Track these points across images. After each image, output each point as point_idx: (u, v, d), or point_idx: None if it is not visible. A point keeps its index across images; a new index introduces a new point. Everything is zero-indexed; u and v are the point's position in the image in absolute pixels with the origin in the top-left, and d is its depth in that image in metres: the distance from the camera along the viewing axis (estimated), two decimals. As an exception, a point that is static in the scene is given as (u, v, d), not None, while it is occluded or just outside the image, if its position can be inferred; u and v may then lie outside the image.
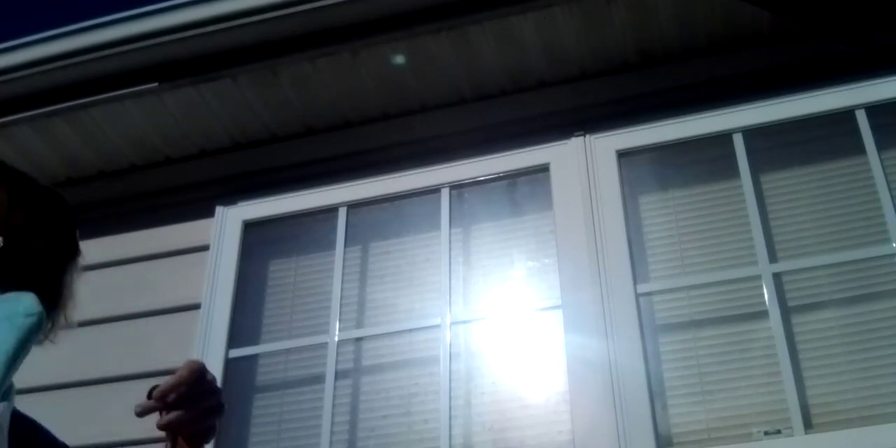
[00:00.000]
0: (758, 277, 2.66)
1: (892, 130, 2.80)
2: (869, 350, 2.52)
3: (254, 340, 3.03)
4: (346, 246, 3.09)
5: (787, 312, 2.60)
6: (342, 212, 3.15)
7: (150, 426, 1.37)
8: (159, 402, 1.10)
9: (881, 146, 2.75)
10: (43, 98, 3.23)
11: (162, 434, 1.16)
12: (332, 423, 2.77)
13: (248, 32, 3.03)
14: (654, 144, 2.97)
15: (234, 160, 3.36)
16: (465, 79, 3.14)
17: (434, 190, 3.10)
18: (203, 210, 3.24)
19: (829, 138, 2.88)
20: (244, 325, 3.05)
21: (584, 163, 2.96)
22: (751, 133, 2.89)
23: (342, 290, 3.00)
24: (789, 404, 2.45)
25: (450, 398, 2.70)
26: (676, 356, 2.64)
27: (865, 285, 2.62)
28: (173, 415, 1.10)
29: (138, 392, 1.22)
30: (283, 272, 3.18)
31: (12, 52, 3.20)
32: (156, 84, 3.15)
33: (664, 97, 3.02)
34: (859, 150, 2.77)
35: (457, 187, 3.10)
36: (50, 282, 1.26)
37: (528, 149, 3.06)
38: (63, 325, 1.29)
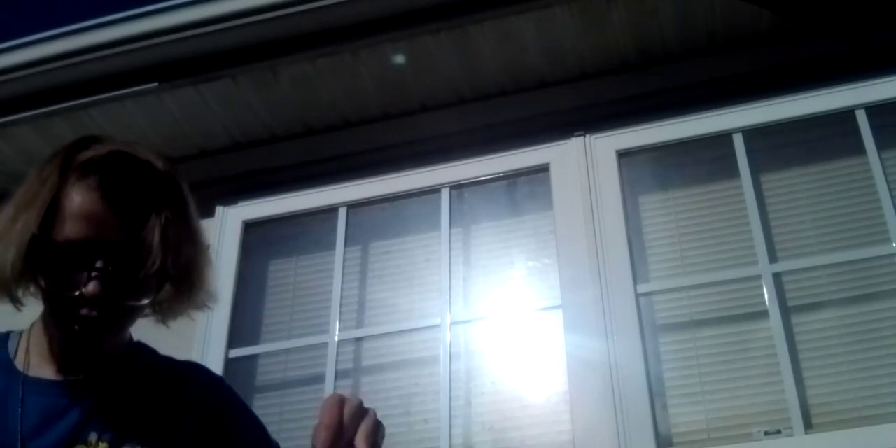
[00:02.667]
0: (758, 277, 2.66)
1: (892, 130, 2.80)
2: (869, 350, 2.52)
3: (254, 340, 3.03)
4: (346, 246, 3.09)
5: (787, 312, 2.60)
6: (342, 212, 3.15)
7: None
8: None
9: (881, 146, 2.75)
10: (43, 98, 3.23)
11: None
12: (332, 423, 2.76)
13: (248, 32, 3.03)
14: (654, 144, 2.97)
15: (234, 160, 3.36)
16: (465, 79, 3.14)
17: (434, 190, 3.10)
18: (203, 210, 3.23)
19: (829, 138, 2.88)
20: (244, 324, 3.05)
21: (584, 163, 2.96)
22: (751, 133, 2.89)
23: (342, 290, 3.00)
24: (789, 404, 2.45)
25: (450, 398, 2.70)
26: (676, 356, 2.64)
27: (865, 285, 2.62)
28: None
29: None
30: (283, 272, 3.18)
31: (12, 52, 3.19)
32: (156, 84, 3.15)
33: (664, 97, 3.02)
34: (859, 150, 2.77)
35: (457, 187, 3.10)
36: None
37: (528, 149, 3.06)
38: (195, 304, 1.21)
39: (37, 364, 1.14)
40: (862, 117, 2.80)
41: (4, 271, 1.07)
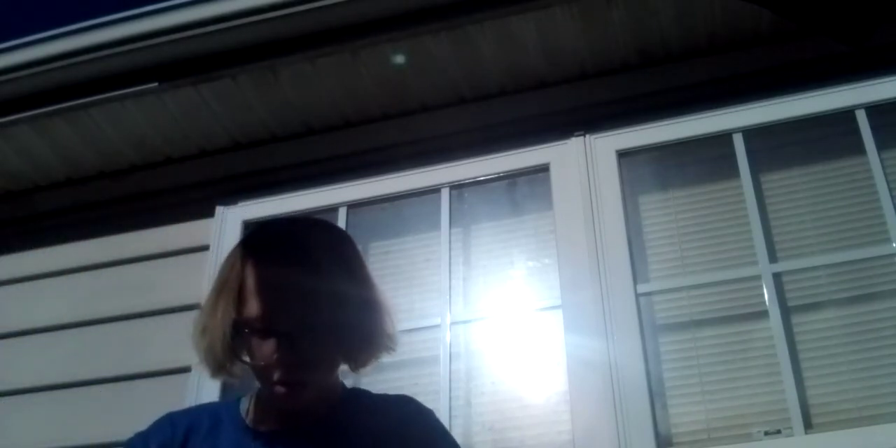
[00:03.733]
0: (758, 277, 2.66)
1: (892, 130, 2.80)
2: (869, 350, 2.52)
3: (254, 340, 3.02)
4: (346, 246, 3.08)
5: (787, 312, 2.60)
6: (342, 212, 3.15)
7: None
8: None
9: (881, 146, 2.75)
10: (43, 98, 3.23)
11: None
12: (332, 423, 2.76)
13: (248, 32, 3.03)
14: (654, 144, 2.97)
15: (234, 160, 3.36)
16: (465, 79, 3.14)
17: (434, 190, 3.10)
18: (203, 210, 3.24)
19: (829, 138, 2.88)
20: (244, 325, 3.04)
21: (584, 163, 2.96)
22: (751, 133, 2.89)
23: (342, 290, 2.99)
24: (789, 404, 2.45)
25: (450, 398, 2.70)
26: (676, 356, 2.64)
27: (865, 285, 2.62)
28: None
29: (138, 392, 1.22)
30: (282, 272, 3.17)
31: (12, 52, 3.20)
32: (156, 84, 3.15)
33: (664, 97, 3.02)
34: (859, 150, 2.77)
35: (457, 187, 3.10)
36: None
37: (528, 149, 3.06)
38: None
39: (261, 420, 1.33)
40: (862, 117, 2.80)
41: (218, 356, 1.26)
